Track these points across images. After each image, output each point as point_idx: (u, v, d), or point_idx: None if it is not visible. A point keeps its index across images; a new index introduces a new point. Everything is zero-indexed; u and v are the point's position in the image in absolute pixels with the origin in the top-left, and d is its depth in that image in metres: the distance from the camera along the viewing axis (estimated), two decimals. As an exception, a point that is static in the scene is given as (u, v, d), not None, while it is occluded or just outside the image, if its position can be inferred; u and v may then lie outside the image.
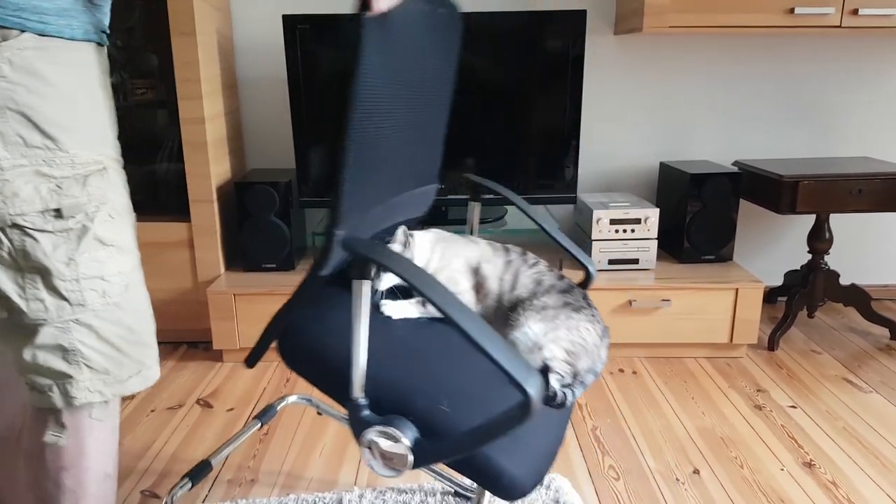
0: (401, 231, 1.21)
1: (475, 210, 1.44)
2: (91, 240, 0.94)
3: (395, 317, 1.14)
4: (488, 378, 0.98)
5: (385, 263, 0.89)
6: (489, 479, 0.92)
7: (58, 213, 0.91)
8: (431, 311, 1.17)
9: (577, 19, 2.17)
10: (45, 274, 0.91)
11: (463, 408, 0.90)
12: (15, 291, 0.91)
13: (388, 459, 0.92)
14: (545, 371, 1.08)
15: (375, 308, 1.16)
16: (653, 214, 2.23)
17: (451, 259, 1.25)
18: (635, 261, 2.27)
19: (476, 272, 1.23)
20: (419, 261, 1.23)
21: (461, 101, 2.22)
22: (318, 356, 1.05)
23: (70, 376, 0.95)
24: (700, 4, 2.15)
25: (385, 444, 0.92)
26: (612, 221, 2.23)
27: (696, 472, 1.65)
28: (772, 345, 2.32)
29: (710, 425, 1.86)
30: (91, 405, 0.98)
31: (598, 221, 2.23)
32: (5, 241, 0.89)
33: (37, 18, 0.86)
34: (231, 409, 1.95)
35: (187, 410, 1.94)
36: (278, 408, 1.59)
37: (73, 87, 0.92)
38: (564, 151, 2.28)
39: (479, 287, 1.22)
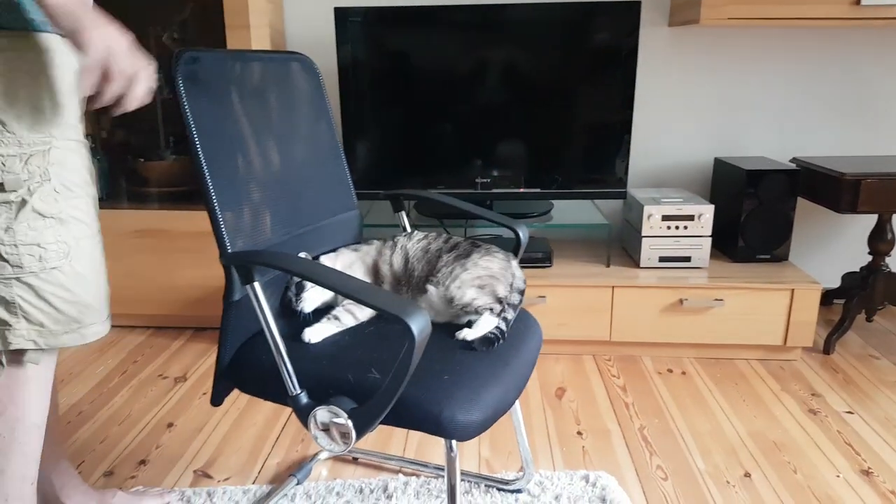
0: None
1: (403, 217, 1.57)
2: (29, 211, 1.08)
3: (314, 340, 1.20)
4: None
5: (261, 262, 1.06)
6: (430, 424, 1.02)
7: (0, 187, 1.05)
8: (347, 324, 1.25)
9: (631, 11, 2.14)
10: None
11: (390, 372, 0.97)
12: None
13: (336, 434, 1.03)
14: (475, 313, 1.22)
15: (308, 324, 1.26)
16: (707, 211, 2.18)
17: (348, 264, 1.36)
18: (687, 258, 2.22)
19: (373, 267, 1.35)
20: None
21: (509, 95, 2.22)
22: (258, 373, 1.16)
23: (8, 324, 1.10)
24: (761, -4, 2.09)
25: (329, 419, 1.03)
26: (664, 217, 2.19)
27: (748, 475, 1.61)
28: (828, 348, 2.25)
29: (761, 429, 1.81)
30: (24, 351, 1.13)
31: (649, 217, 2.19)
32: None
33: None
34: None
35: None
36: (312, 465, 1.64)
37: (19, 75, 1.04)
38: (615, 146, 2.25)
39: (376, 276, 1.34)
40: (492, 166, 2.29)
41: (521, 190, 2.30)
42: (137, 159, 2.48)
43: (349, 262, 1.35)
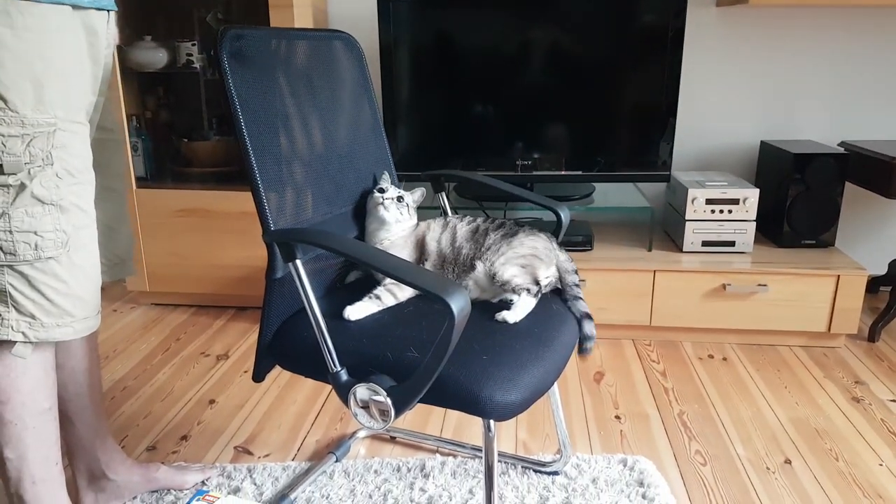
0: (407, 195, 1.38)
1: (443, 198, 1.58)
2: (28, 196, 1.02)
3: (354, 318, 1.20)
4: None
5: (303, 239, 1.07)
6: (469, 403, 1.02)
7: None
8: (387, 303, 1.25)
9: (677, -10, 2.09)
10: None
11: (430, 350, 0.97)
12: None
13: (376, 411, 1.04)
14: (513, 292, 1.24)
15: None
16: (752, 195, 2.13)
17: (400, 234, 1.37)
18: (731, 243, 2.18)
19: (420, 242, 1.36)
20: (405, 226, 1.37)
21: (551, 76, 2.19)
22: (299, 350, 1.17)
23: None
24: (812, -27, 2.02)
25: (368, 396, 1.04)
26: (709, 201, 2.15)
27: (788, 462, 1.58)
28: (873, 336, 2.19)
29: (803, 416, 1.78)
30: (12, 343, 1.07)
31: (693, 201, 2.15)
32: None
33: None
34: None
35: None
36: (351, 443, 1.66)
37: (29, 51, 0.98)
38: (659, 128, 2.20)
39: (420, 251, 1.35)
40: (533, 148, 2.27)
41: (563, 172, 2.27)
42: (181, 139, 2.52)
43: (405, 233, 1.36)
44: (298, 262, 1.07)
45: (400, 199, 1.34)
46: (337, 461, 1.59)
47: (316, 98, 1.29)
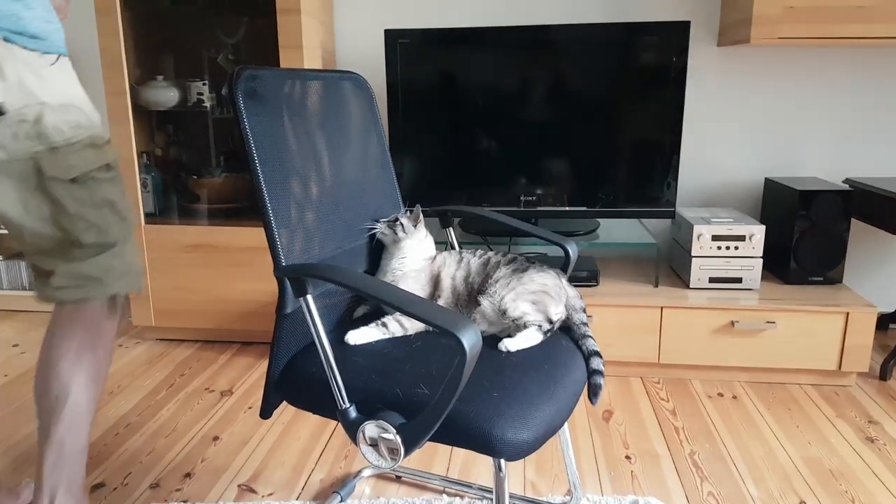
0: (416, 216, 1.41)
1: (451, 233, 1.60)
2: (122, 182, 1.34)
3: (357, 342, 1.22)
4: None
5: (313, 274, 1.06)
6: (480, 441, 1.00)
7: (108, 167, 1.29)
8: (393, 331, 1.26)
9: (679, 31, 2.12)
10: (112, 205, 1.30)
11: (440, 387, 0.96)
12: (97, 216, 1.28)
13: (385, 449, 1.03)
14: (524, 328, 1.23)
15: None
16: (758, 231, 2.14)
17: (417, 268, 1.39)
18: (738, 279, 2.18)
19: (434, 277, 1.37)
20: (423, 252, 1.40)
21: (554, 114, 2.22)
22: (308, 386, 1.17)
23: (107, 277, 1.31)
24: (814, 14, 2.06)
25: (377, 434, 1.03)
26: (715, 237, 2.15)
27: (803, 503, 1.56)
28: (884, 374, 2.17)
29: (816, 455, 1.75)
30: (120, 295, 1.37)
31: (699, 237, 2.15)
32: (86, 186, 1.26)
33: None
34: (323, 411, 2.00)
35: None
36: (356, 482, 1.64)
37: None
38: (663, 165, 2.22)
39: (435, 285, 1.36)
40: (536, 184, 2.28)
41: (567, 208, 2.28)
42: (190, 176, 2.54)
43: (418, 266, 1.37)
44: (309, 296, 1.07)
45: (395, 220, 1.37)
46: (342, 501, 1.56)
47: (327, 136, 1.31)
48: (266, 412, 1.23)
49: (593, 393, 1.24)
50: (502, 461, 1.07)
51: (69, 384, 1.32)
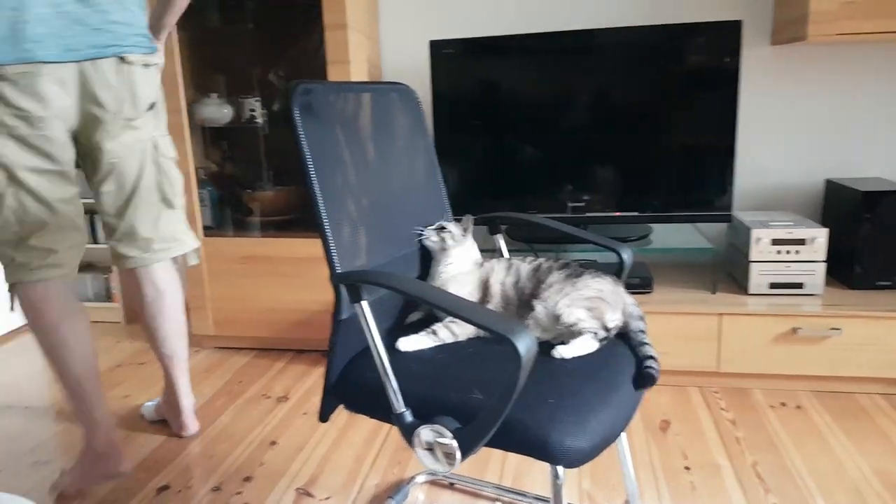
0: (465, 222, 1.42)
1: (499, 240, 1.60)
2: None
3: (408, 349, 1.23)
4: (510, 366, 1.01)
5: (368, 281, 1.08)
6: (537, 448, 0.99)
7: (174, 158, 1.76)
8: (444, 339, 1.26)
9: (731, 30, 2.08)
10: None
11: (494, 393, 0.96)
12: (180, 185, 1.78)
13: (441, 454, 1.02)
14: (578, 335, 1.21)
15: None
16: (820, 235, 2.06)
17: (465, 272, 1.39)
18: (799, 285, 2.10)
19: (483, 282, 1.36)
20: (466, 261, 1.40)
21: (603, 118, 2.20)
22: (364, 391, 1.18)
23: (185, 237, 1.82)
24: (873, 9, 1.99)
25: (433, 438, 1.03)
26: (774, 241, 2.09)
27: (876, 518, 1.49)
28: (961, 384, 2.06)
29: (890, 468, 1.67)
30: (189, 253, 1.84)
31: (757, 241, 2.09)
32: (175, 163, 1.77)
33: None
34: (376, 419, 2.01)
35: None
36: (409, 488, 1.65)
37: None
38: (718, 167, 2.17)
39: (484, 291, 1.35)
40: (584, 190, 2.26)
41: (618, 213, 2.25)
42: (244, 190, 2.61)
43: (466, 270, 1.37)
44: (364, 302, 1.09)
45: (442, 228, 1.37)
46: (396, 507, 1.57)
47: (377, 146, 1.33)
48: (324, 416, 1.25)
49: (648, 380, 1.17)
50: (559, 468, 1.06)
51: (181, 343, 1.87)
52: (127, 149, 1.64)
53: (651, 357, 1.21)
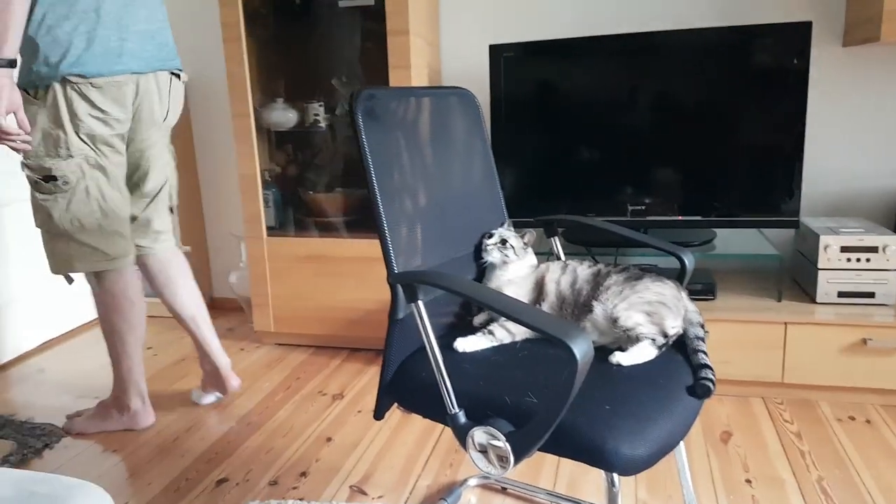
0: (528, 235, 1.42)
1: (556, 243, 1.59)
2: None
3: (466, 350, 1.24)
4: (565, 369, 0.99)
5: (425, 281, 1.09)
6: (592, 454, 0.98)
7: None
8: (501, 339, 1.27)
9: (800, 32, 2.01)
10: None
11: (548, 396, 0.96)
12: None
13: (494, 456, 1.02)
14: (636, 340, 1.19)
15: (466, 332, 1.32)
16: (892, 242, 1.97)
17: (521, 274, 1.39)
18: (871, 294, 2.02)
19: (538, 283, 1.36)
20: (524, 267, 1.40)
21: (664, 120, 2.16)
22: (418, 390, 1.19)
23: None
24: (956, 6, 1.89)
25: (486, 440, 1.03)
26: (844, 249, 2.01)
27: (952, 541, 1.41)
28: None
29: (968, 490, 1.58)
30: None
31: (826, 248, 2.02)
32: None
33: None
34: (430, 419, 2.03)
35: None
36: (461, 490, 1.65)
37: None
38: (785, 172, 2.10)
39: (539, 291, 1.34)
40: (645, 193, 2.22)
41: (680, 218, 2.21)
42: (306, 192, 2.67)
43: (523, 273, 1.37)
44: (420, 302, 1.10)
45: (504, 242, 1.37)
46: (449, 508, 1.58)
47: (435, 150, 1.35)
48: (379, 413, 1.27)
49: (703, 392, 1.14)
50: (615, 476, 1.05)
51: (198, 304, 2.04)
52: (160, 151, 1.89)
53: (705, 366, 1.18)
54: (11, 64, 1.52)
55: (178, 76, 1.87)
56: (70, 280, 1.87)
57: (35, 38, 1.59)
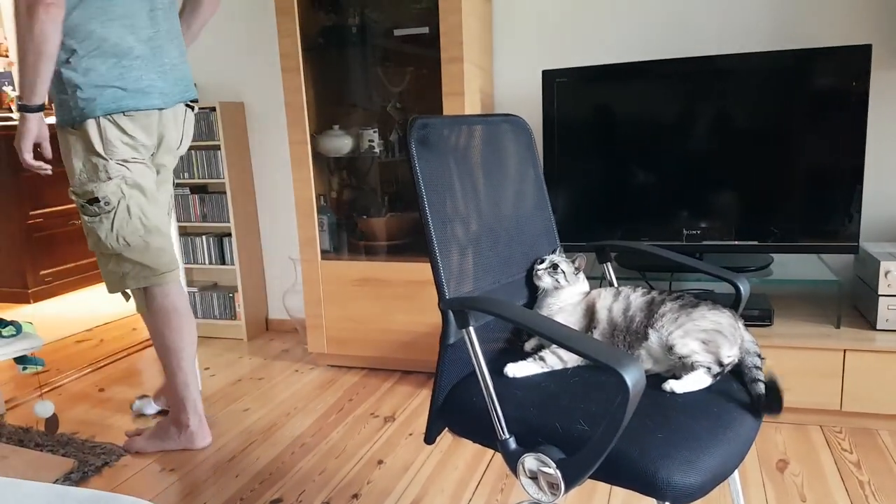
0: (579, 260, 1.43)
1: (608, 268, 1.61)
2: None
3: (516, 375, 1.26)
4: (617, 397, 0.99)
5: (476, 307, 1.10)
6: (644, 483, 0.98)
7: None
8: (551, 365, 1.28)
9: (860, 54, 1.98)
10: None
11: (600, 424, 0.95)
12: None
13: (544, 483, 1.02)
14: (691, 368, 1.19)
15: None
16: (959, 268, 1.91)
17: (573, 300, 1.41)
18: (935, 321, 1.95)
19: (589, 308, 1.37)
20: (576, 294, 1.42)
21: (719, 145, 2.15)
22: (469, 415, 1.21)
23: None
24: None
25: (536, 467, 1.03)
26: (905, 275, 1.95)
27: None
28: None
29: None
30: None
31: (886, 274, 1.96)
32: None
33: None
34: (480, 443, 2.04)
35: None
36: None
37: None
38: (844, 196, 2.06)
39: (590, 318, 1.36)
40: (700, 217, 2.21)
41: (736, 242, 2.18)
42: (360, 216, 2.74)
43: (574, 301, 1.39)
44: (471, 328, 1.13)
45: (555, 267, 1.38)
46: (500, 532, 1.58)
47: (487, 176, 1.38)
48: (430, 438, 1.29)
49: (772, 407, 1.14)
50: (668, 505, 1.04)
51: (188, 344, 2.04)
52: (168, 174, 2.04)
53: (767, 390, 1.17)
54: (41, 108, 1.73)
55: (191, 107, 2.02)
56: (127, 297, 2.00)
57: (71, 77, 1.75)
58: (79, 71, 1.74)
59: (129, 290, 1.99)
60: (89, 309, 3.71)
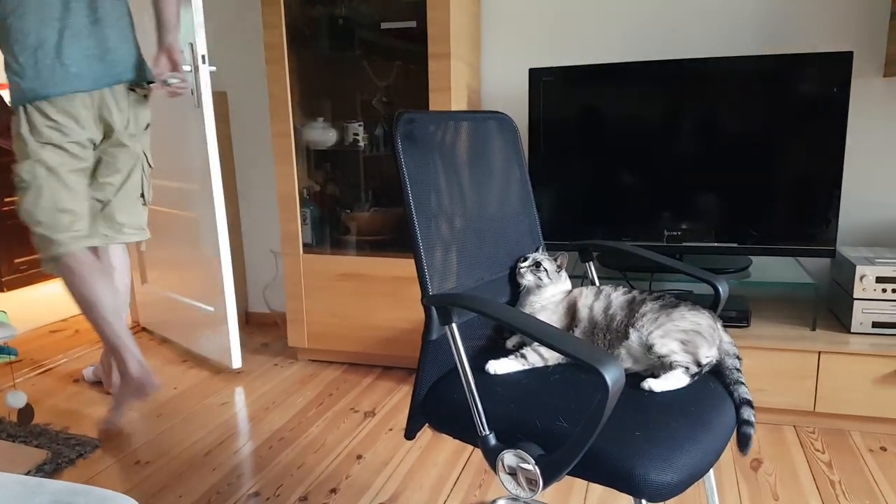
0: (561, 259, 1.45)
1: (591, 268, 1.62)
2: None
3: (497, 372, 1.27)
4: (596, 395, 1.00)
5: (459, 304, 1.11)
6: (621, 480, 1.00)
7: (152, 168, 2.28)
8: (533, 362, 1.29)
9: (842, 61, 2.01)
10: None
11: (579, 421, 0.96)
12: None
13: (523, 479, 1.04)
14: (669, 368, 1.21)
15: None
16: (932, 274, 1.95)
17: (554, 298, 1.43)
18: (907, 325, 1.99)
19: (571, 307, 1.38)
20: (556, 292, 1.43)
21: (701, 147, 2.17)
22: (450, 411, 1.22)
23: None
24: None
25: (516, 463, 1.05)
26: (879, 279, 1.99)
27: None
28: None
29: None
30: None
31: (861, 278, 2.00)
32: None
33: None
34: (460, 439, 2.05)
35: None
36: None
37: None
38: (823, 201, 2.09)
39: (571, 316, 1.37)
40: (681, 219, 2.23)
41: (716, 244, 2.20)
42: (343, 210, 2.73)
43: (557, 299, 1.40)
44: (454, 325, 1.13)
45: (538, 265, 1.39)
46: (478, 528, 1.59)
47: (472, 173, 1.38)
48: (410, 433, 1.30)
49: (743, 444, 1.18)
50: (644, 502, 1.06)
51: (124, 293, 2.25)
52: (127, 156, 2.11)
53: (747, 402, 1.19)
54: None
55: (134, 90, 2.06)
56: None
57: (6, 68, 1.91)
58: (9, 63, 1.90)
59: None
60: (64, 298, 3.65)
